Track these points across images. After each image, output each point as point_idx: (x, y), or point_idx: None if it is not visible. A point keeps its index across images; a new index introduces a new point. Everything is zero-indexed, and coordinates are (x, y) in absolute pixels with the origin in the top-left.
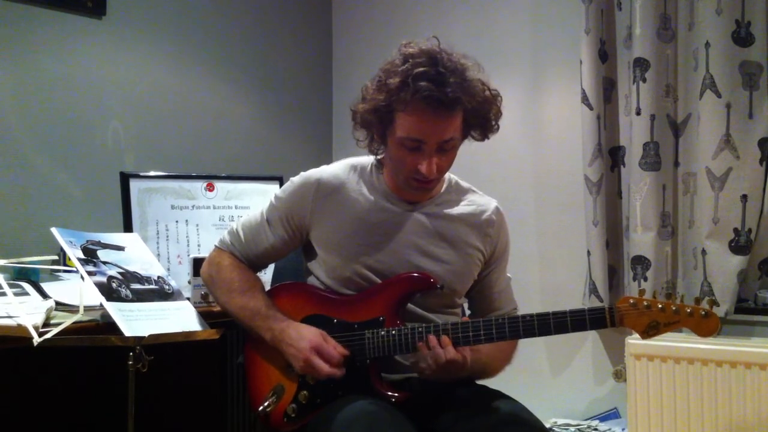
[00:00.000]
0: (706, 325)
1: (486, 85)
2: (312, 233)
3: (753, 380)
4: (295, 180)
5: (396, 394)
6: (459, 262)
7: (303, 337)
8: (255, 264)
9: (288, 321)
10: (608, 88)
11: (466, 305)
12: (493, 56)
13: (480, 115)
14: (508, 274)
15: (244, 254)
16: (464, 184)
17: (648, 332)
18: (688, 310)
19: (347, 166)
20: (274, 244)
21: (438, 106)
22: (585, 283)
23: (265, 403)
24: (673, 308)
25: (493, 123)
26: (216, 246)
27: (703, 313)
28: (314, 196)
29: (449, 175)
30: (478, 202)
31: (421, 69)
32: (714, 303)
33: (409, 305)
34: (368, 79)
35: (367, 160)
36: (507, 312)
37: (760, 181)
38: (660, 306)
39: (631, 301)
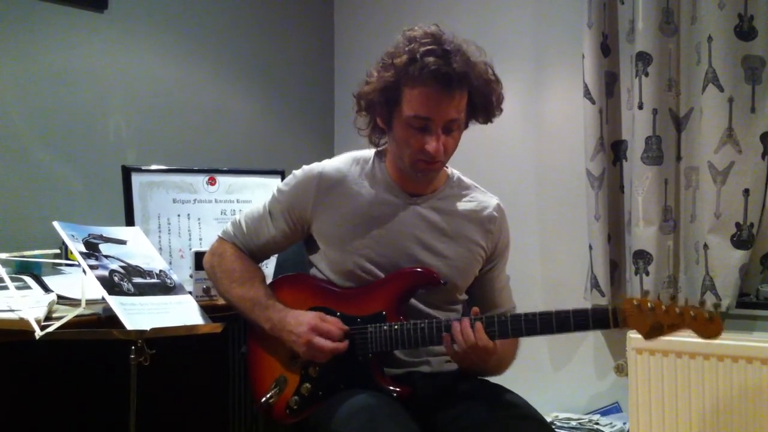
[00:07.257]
0: (709, 328)
1: (490, 66)
2: (313, 226)
3: (754, 375)
4: (298, 173)
5: (398, 389)
6: (460, 257)
7: (301, 323)
8: (256, 255)
9: (286, 310)
10: (610, 82)
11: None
12: (495, 50)
13: (485, 96)
14: (507, 273)
15: (246, 245)
16: (467, 180)
17: (651, 334)
18: (692, 314)
19: (350, 159)
20: (276, 237)
21: (446, 81)
22: (586, 278)
23: (268, 395)
24: (677, 310)
25: (497, 106)
26: (219, 236)
27: (707, 316)
28: (316, 189)
29: (452, 171)
30: (480, 198)
31: (427, 47)
32: (717, 306)
33: (411, 301)
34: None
35: (370, 153)
36: (506, 310)
37: (762, 175)
38: (664, 308)
39: (635, 302)
